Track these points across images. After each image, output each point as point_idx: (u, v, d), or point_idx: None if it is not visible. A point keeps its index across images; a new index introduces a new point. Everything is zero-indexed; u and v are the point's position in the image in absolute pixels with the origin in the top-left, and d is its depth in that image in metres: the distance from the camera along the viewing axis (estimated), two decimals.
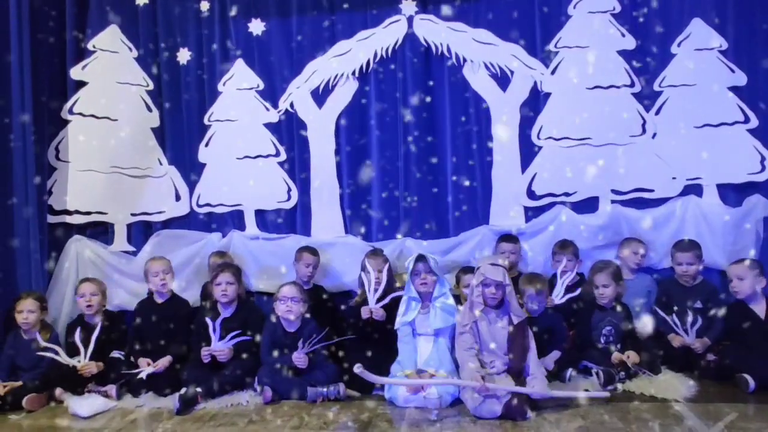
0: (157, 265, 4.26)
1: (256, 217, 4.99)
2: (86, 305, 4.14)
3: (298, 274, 4.51)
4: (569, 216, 4.64)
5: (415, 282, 3.75)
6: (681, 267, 4.15)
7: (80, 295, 4.18)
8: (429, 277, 3.74)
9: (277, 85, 4.98)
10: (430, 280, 3.74)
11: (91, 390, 3.87)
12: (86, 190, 4.85)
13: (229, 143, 5.00)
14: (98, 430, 3.35)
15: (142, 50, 5.04)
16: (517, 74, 4.76)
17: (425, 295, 3.77)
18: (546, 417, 3.24)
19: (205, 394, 3.69)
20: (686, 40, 4.57)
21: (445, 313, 3.72)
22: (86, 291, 4.16)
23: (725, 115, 4.50)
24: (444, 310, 3.73)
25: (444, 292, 3.76)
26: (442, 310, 3.72)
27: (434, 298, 3.74)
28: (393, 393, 3.55)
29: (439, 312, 3.72)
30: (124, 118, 4.94)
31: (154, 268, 4.24)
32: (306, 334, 3.85)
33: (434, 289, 3.75)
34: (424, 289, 3.76)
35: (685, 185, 4.54)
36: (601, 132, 4.63)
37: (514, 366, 3.46)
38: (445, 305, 3.73)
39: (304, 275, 4.48)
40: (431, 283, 3.75)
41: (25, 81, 4.37)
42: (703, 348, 3.85)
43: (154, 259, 4.36)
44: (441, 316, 3.71)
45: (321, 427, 3.25)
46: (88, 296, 4.14)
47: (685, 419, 3.14)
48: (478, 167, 4.82)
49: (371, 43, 4.86)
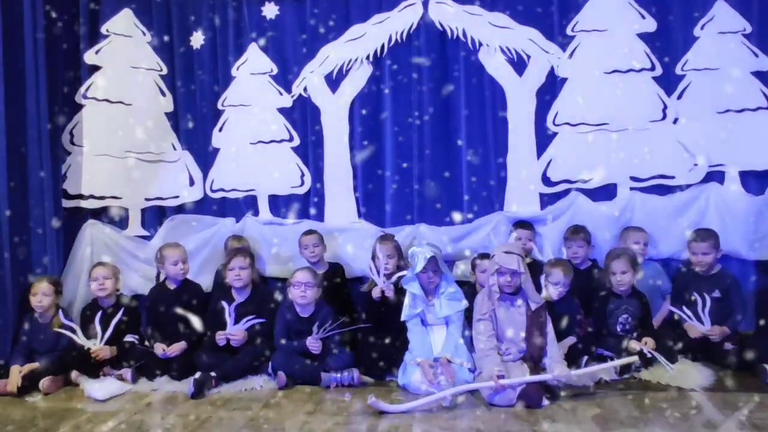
0: (177, 253, 4.22)
1: (269, 203, 4.97)
2: (99, 289, 4.15)
3: (306, 259, 4.51)
4: (586, 203, 4.58)
5: (422, 280, 3.74)
6: (696, 257, 4.05)
7: (93, 278, 4.19)
8: (435, 277, 3.73)
9: (291, 70, 4.93)
10: (436, 279, 3.74)
11: (107, 373, 3.90)
12: (100, 175, 4.85)
13: (243, 128, 4.96)
14: (114, 413, 3.37)
15: (156, 34, 5.00)
16: (534, 58, 4.67)
17: (430, 290, 3.77)
18: (561, 405, 3.22)
19: (219, 379, 3.71)
20: (710, 23, 4.45)
21: (452, 300, 3.72)
22: (99, 275, 4.17)
23: (748, 100, 4.39)
24: (449, 298, 3.72)
25: (447, 287, 3.75)
26: (447, 299, 3.72)
27: (440, 293, 3.73)
28: (407, 380, 3.56)
29: (444, 301, 3.72)
30: (137, 102, 4.92)
31: (173, 256, 4.20)
32: (320, 319, 3.85)
33: (440, 285, 3.75)
34: (430, 287, 3.76)
35: (707, 172, 4.44)
36: (620, 117, 4.54)
37: (532, 353, 3.44)
38: (450, 295, 3.73)
39: (310, 258, 4.48)
40: (436, 282, 3.75)
41: (39, 65, 4.34)
42: (721, 337, 3.78)
43: (170, 246, 4.31)
44: (447, 304, 3.71)
45: (335, 412, 3.25)
46: (101, 280, 4.15)
47: (703, 409, 3.10)
48: (493, 153, 4.75)
49: (386, 27, 4.78)
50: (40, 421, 3.28)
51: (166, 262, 4.21)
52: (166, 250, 4.26)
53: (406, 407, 3.19)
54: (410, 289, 3.75)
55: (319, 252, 4.52)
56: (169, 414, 3.32)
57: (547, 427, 2.93)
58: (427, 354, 3.62)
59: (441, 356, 3.59)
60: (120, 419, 3.26)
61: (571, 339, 3.79)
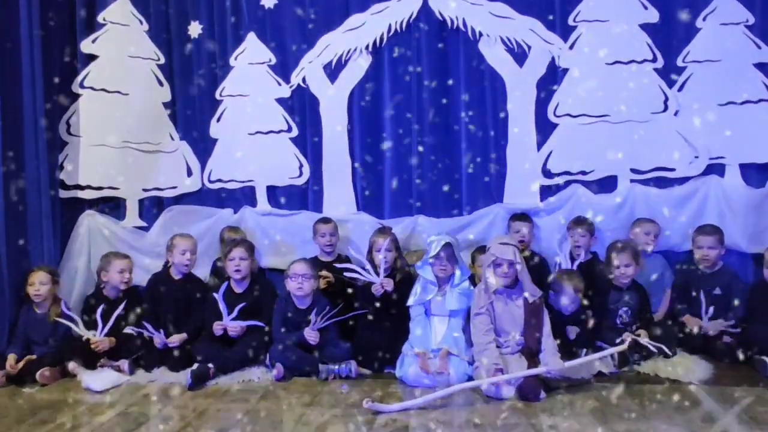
0: (185, 243, 4.21)
1: (267, 193, 4.94)
2: (122, 281, 4.13)
3: (320, 247, 4.49)
4: (586, 195, 4.55)
5: (435, 266, 3.70)
6: (701, 251, 4.02)
7: (119, 270, 4.14)
8: (449, 265, 3.69)
9: (290, 60, 4.88)
10: (449, 268, 3.69)
11: (104, 365, 3.89)
12: (98, 165, 4.82)
13: (241, 118, 4.93)
14: (111, 404, 3.36)
15: (153, 23, 4.95)
16: (535, 49, 4.63)
17: (442, 279, 3.73)
18: (559, 398, 3.21)
19: (217, 370, 3.70)
20: (712, 14, 4.42)
21: (462, 296, 3.68)
22: (125, 267, 4.16)
23: (750, 92, 4.36)
24: (461, 293, 3.69)
25: (464, 279, 3.71)
26: (459, 294, 3.69)
27: (454, 284, 3.70)
28: (404, 372, 3.55)
29: (456, 295, 3.68)
30: (135, 92, 4.88)
31: (182, 246, 4.19)
32: (318, 310, 3.83)
33: (454, 276, 3.70)
34: (442, 275, 3.71)
35: (708, 164, 4.42)
36: (621, 109, 4.51)
37: (530, 346, 3.42)
38: (462, 290, 3.70)
39: (324, 246, 4.46)
40: (450, 271, 3.70)
41: (35, 54, 4.30)
42: (716, 331, 3.77)
43: (182, 236, 4.30)
44: (458, 298, 3.67)
45: (332, 405, 3.24)
46: (126, 273, 4.15)
47: (701, 402, 3.09)
48: (492, 144, 4.72)
49: (385, 16, 4.74)
50: (37, 412, 3.26)
51: (175, 250, 4.20)
52: (177, 239, 4.26)
53: (403, 406, 3.13)
54: (423, 273, 3.72)
55: (335, 241, 4.50)
56: (166, 406, 3.31)
57: (545, 420, 2.92)
58: (426, 345, 3.60)
59: (441, 347, 3.57)
60: (117, 411, 3.25)
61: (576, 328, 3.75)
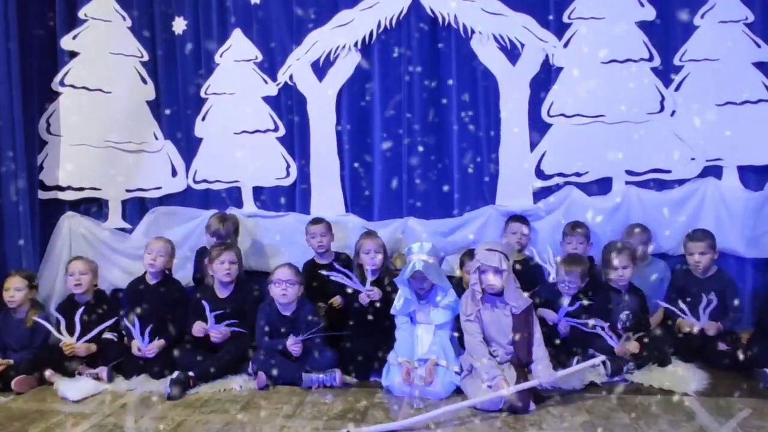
0: (155, 246, 4.07)
1: (253, 194, 4.82)
2: (75, 284, 4.00)
3: (313, 249, 4.38)
4: (580, 197, 4.44)
5: (413, 284, 3.60)
6: (693, 257, 3.91)
7: (69, 273, 4.04)
8: (426, 285, 3.59)
9: (276, 57, 4.76)
10: (426, 287, 3.60)
11: (82, 372, 3.77)
12: (79, 165, 4.69)
13: (227, 117, 4.81)
14: (86, 415, 3.25)
15: (137, 19, 4.82)
16: (528, 47, 4.51)
17: (422, 294, 3.63)
18: (549, 410, 3.11)
19: (198, 378, 3.59)
20: (710, 12, 4.31)
21: (448, 310, 3.57)
22: (75, 270, 4.02)
23: (749, 92, 4.26)
24: (447, 307, 3.58)
25: (445, 298, 3.59)
26: (443, 308, 3.58)
27: (437, 302, 3.59)
28: (390, 381, 3.44)
29: (441, 311, 3.57)
30: (117, 90, 4.76)
31: (151, 247, 4.07)
32: (302, 317, 3.72)
33: (436, 290, 3.59)
34: (421, 292, 3.62)
35: (705, 166, 4.32)
36: (616, 109, 4.40)
37: (519, 355, 3.31)
38: (446, 305, 3.58)
39: (317, 247, 4.35)
40: (427, 289, 3.60)
41: (11, 50, 4.18)
42: (716, 332, 3.67)
43: (157, 238, 4.18)
44: (443, 313, 3.57)
45: (315, 416, 3.13)
46: (77, 275, 4.00)
47: (696, 414, 2.99)
48: (485, 145, 4.60)
49: (375, 13, 4.61)
50: (9, 423, 3.15)
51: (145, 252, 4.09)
52: (151, 241, 4.16)
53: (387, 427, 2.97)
54: (402, 291, 3.62)
55: (327, 242, 4.37)
56: (143, 417, 3.20)
57: None
58: (410, 354, 3.50)
59: (428, 357, 3.46)
60: (92, 422, 3.14)
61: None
